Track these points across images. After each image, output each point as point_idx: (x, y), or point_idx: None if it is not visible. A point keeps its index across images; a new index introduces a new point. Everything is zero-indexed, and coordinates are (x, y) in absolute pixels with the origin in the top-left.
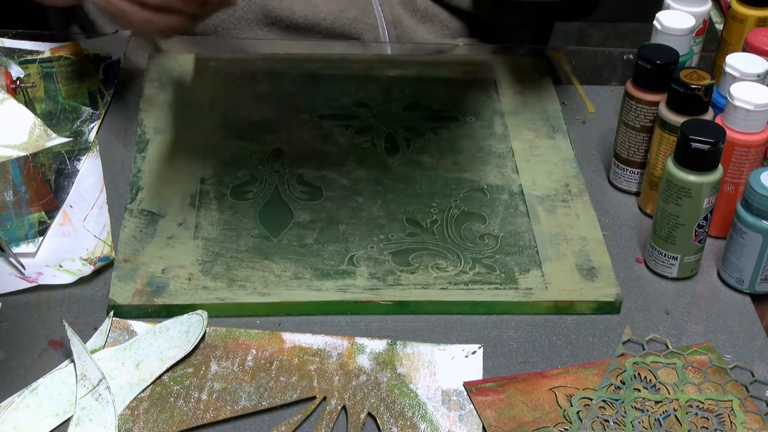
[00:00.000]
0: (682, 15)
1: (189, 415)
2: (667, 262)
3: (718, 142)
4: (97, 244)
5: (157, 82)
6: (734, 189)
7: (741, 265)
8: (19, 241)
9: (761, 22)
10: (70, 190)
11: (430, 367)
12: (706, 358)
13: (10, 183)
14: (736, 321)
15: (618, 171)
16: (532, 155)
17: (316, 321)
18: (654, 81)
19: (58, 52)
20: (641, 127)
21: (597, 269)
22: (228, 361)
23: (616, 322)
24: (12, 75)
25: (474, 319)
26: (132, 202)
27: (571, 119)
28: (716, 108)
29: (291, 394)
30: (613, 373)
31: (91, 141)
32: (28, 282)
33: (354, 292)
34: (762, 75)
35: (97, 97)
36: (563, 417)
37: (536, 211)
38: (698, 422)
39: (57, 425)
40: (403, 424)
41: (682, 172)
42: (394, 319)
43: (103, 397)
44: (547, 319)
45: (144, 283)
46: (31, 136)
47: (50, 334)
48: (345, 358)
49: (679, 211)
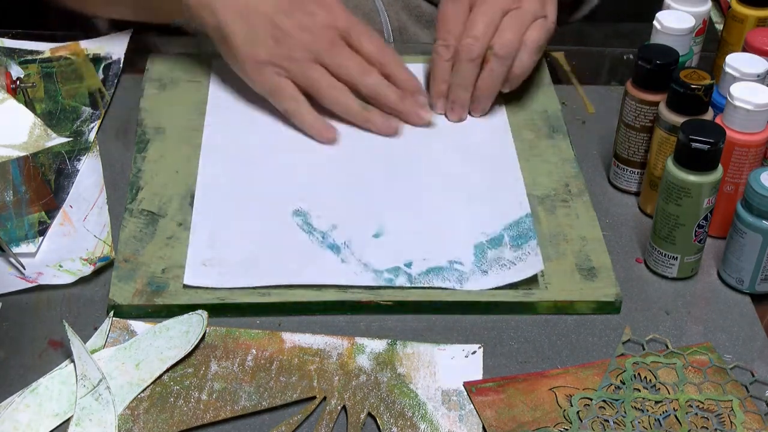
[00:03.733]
0: (682, 15)
1: (189, 415)
2: (667, 262)
3: (718, 142)
4: (97, 244)
5: (157, 82)
6: (734, 189)
7: (741, 265)
8: (19, 241)
9: (761, 22)
10: (70, 190)
11: (430, 367)
12: (706, 358)
13: (10, 183)
14: (736, 321)
15: (618, 171)
16: (532, 155)
17: (316, 321)
18: (654, 81)
19: (58, 52)
20: (641, 127)
21: (597, 269)
22: (228, 361)
23: (616, 322)
24: (12, 75)
25: (474, 319)
26: (132, 202)
27: (571, 119)
28: (716, 108)
29: (291, 394)
30: (613, 373)
31: (91, 141)
32: (28, 282)
33: (354, 292)
34: (762, 75)
35: (97, 97)
36: (563, 417)
37: (536, 211)
38: (698, 422)
39: (57, 425)
40: (403, 424)
41: (682, 172)
42: (394, 319)
43: (103, 397)
44: (547, 319)
45: (144, 283)
46: (31, 136)
47: (50, 334)
48: (345, 358)
49: (679, 211)
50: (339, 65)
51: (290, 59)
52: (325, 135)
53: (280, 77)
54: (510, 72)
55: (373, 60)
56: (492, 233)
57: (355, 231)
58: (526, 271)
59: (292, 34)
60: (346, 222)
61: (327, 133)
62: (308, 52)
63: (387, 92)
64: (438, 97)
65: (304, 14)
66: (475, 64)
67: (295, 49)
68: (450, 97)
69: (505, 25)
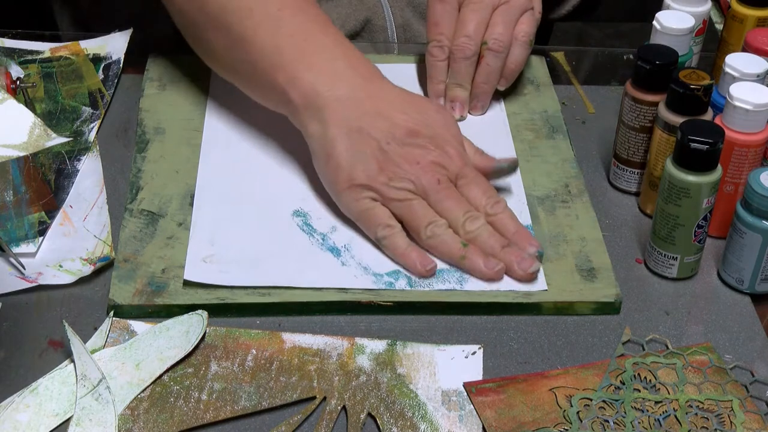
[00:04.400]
0: (682, 15)
1: (189, 415)
2: (666, 262)
3: (718, 142)
4: (97, 244)
5: (157, 82)
6: (734, 189)
7: (741, 265)
8: (19, 241)
9: (761, 22)
10: (70, 190)
11: (430, 368)
12: (706, 358)
13: (10, 183)
14: (736, 321)
15: (618, 171)
16: (531, 155)
17: (316, 321)
18: (653, 81)
19: (58, 52)
20: (641, 128)
21: (597, 270)
22: (228, 361)
23: (616, 323)
24: (12, 75)
25: (474, 319)
26: (132, 202)
27: (571, 119)
28: (716, 108)
29: (291, 394)
30: (613, 373)
31: (91, 141)
32: (28, 282)
33: (354, 293)
34: (762, 75)
35: (97, 97)
36: (563, 417)
37: (536, 211)
38: (698, 422)
39: (57, 425)
40: (403, 424)
41: (682, 173)
42: (394, 319)
43: (103, 397)
44: (547, 320)
45: (144, 283)
46: (31, 136)
47: (50, 334)
48: (345, 359)
49: (678, 211)
50: (443, 206)
51: (391, 187)
52: (422, 265)
53: (376, 203)
54: (505, 67)
55: (481, 209)
56: None
57: (355, 233)
58: (527, 284)
59: (399, 163)
60: (346, 224)
61: (425, 261)
62: (413, 184)
63: (490, 240)
64: (436, 97)
65: (417, 147)
66: (470, 62)
67: (399, 179)
68: (448, 97)
69: (497, 20)
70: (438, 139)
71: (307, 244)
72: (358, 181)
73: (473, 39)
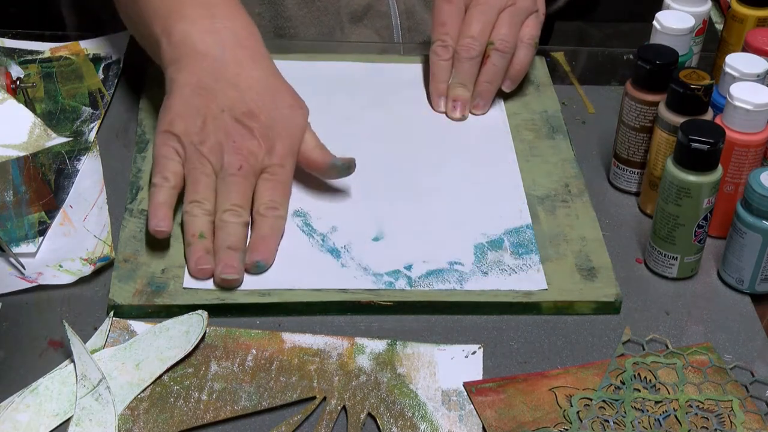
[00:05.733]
0: (682, 15)
1: (189, 415)
2: (667, 262)
3: (718, 142)
4: (97, 244)
5: (157, 82)
6: (734, 189)
7: (741, 265)
8: (19, 241)
9: (761, 22)
10: (70, 190)
11: (430, 368)
12: (706, 358)
13: (10, 183)
14: (736, 321)
15: (618, 171)
16: (532, 155)
17: (316, 321)
18: (653, 81)
19: (58, 52)
20: (641, 127)
21: (597, 269)
22: (228, 361)
23: (616, 322)
24: (12, 75)
25: (474, 319)
26: (132, 202)
27: (571, 119)
28: (716, 108)
29: (291, 394)
30: (613, 373)
31: (91, 141)
32: (28, 282)
33: (354, 293)
34: (762, 75)
35: (97, 97)
36: (563, 417)
37: (536, 211)
38: (698, 422)
39: (57, 425)
40: (403, 424)
41: (682, 173)
42: (394, 320)
43: (103, 397)
44: (547, 320)
45: (144, 283)
46: (31, 136)
47: (50, 334)
48: (345, 359)
49: (678, 211)
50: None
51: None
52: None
53: (176, 156)
54: (510, 68)
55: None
56: (492, 235)
57: (355, 234)
58: (527, 284)
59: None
60: (345, 224)
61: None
62: (216, 157)
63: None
64: (438, 96)
65: (245, 128)
66: (475, 62)
67: (209, 147)
68: (451, 96)
69: (503, 21)
70: (270, 132)
71: (307, 244)
72: (174, 130)
73: (478, 39)
